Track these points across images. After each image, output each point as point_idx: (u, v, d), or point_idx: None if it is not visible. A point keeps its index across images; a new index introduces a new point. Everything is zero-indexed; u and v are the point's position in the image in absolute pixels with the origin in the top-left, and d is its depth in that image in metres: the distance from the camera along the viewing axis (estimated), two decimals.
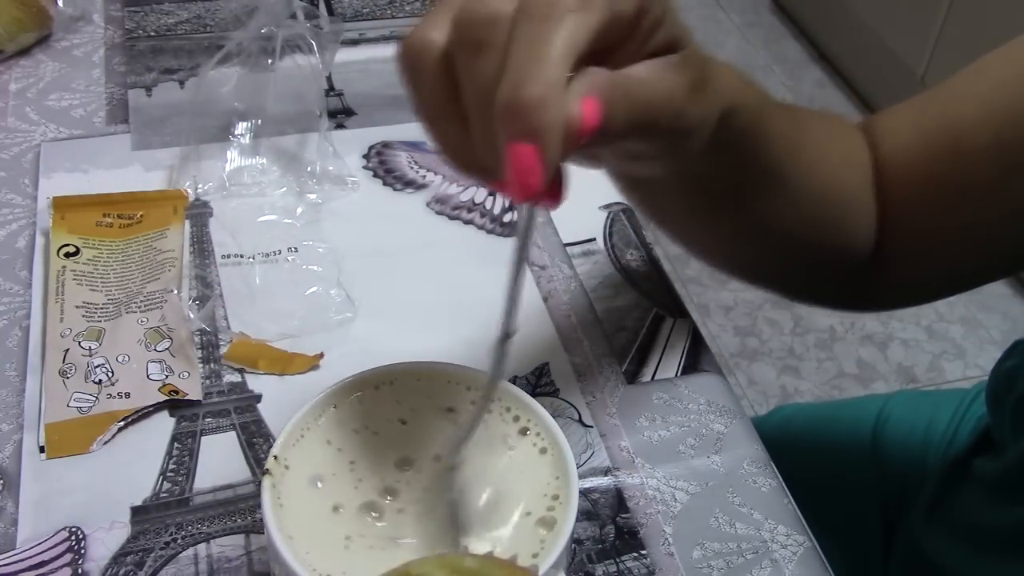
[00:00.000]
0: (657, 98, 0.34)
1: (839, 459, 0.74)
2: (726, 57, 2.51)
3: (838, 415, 0.79)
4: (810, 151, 0.49)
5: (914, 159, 0.51)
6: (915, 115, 0.53)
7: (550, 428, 0.42)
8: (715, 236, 0.53)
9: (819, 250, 0.53)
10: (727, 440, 0.53)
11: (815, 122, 0.52)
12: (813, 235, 0.51)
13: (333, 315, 0.58)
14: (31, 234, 0.61)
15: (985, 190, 0.49)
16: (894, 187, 0.52)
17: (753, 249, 0.53)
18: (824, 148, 0.51)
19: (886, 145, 0.53)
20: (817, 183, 0.50)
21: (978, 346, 1.71)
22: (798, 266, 0.54)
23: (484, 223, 0.65)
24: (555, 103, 0.30)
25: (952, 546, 0.61)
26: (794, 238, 0.51)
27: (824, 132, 0.52)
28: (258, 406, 0.53)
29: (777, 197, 0.48)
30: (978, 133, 0.48)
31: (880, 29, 2.10)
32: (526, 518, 0.39)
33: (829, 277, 0.56)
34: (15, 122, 0.70)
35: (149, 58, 0.76)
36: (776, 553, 0.49)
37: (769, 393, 1.62)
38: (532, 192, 0.31)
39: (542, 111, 0.30)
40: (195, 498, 0.49)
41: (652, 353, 0.58)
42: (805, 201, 0.49)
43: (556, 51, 0.30)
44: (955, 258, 0.53)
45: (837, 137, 0.53)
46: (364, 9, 0.84)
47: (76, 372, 0.53)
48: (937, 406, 0.73)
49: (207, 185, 0.65)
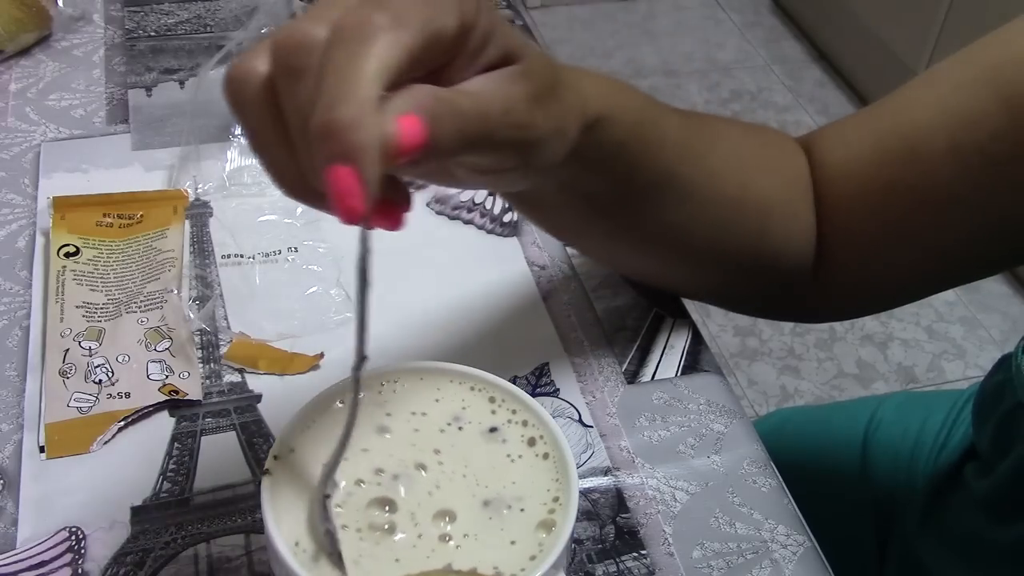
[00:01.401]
0: (491, 110, 0.34)
1: (831, 464, 0.74)
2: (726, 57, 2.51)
3: (830, 419, 0.78)
4: (716, 158, 0.49)
5: (867, 167, 0.51)
6: (868, 123, 0.52)
7: (552, 431, 0.42)
8: (619, 246, 0.52)
9: (746, 258, 0.52)
10: (727, 440, 0.53)
11: (731, 131, 0.51)
12: (734, 242, 0.51)
13: (333, 315, 0.58)
14: (31, 234, 0.61)
15: (942, 196, 0.48)
16: (845, 196, 0.52)
17: (667, 258, 0.53)
18: (738, 155, 0.50)
19: (835, 155, 0.52)
20: (729, 190, 0.49)
21: (978, 346, 1.71)
22: (728, 276, 0.54)
23: (484, 223, 0.65)
24: (367, 122, 0.29)
25: (947, 557, 0.61)
26: (711, 246, 0.51)
27: (740, 141, 0.52)
28: (258, 406, 0.53)
29: (678, 204, 0.48)
30: (933, 137, 0.48)
31: (880, 29, 2.10)
32: (526, 520, 0.39)
33: (767, 288, 0.55)
34: (15, 122, 0.70)
35: (149, 58, 0.76)
36: (776, 553, 0.49)
37: (769, 393, 1.62)
38: (356, 214, 0.31)
39: (354, 131, 0.29)
40: (195, 498, 0.49)
41: (652, 353, 0.58)
42: (714, 208, 0.49)
43: (366, 71, 0.30)
44: (909, 266, 0.52)
45: (759, 146, 0.53)
46: None
47: (76, 372, 0.53)
48: (930, 409, 0.73)
49: (207, 185, 0.65)
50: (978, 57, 0.49)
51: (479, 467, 0.40)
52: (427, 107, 0.32)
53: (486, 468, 0.41)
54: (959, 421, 0.70)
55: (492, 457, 0.41)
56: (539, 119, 0.36)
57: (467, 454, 0.41)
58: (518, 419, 0.42)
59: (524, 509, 0.39)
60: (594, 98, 0.41)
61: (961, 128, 0.47)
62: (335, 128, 0.29)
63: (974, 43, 0.49)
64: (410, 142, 0.31)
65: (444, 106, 0.32)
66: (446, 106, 0.32)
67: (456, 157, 0.37)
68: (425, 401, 0.43)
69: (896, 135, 0.50)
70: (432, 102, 0.32)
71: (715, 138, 0.50)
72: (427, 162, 0.33)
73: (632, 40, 2.42)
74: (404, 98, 0.31)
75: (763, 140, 0.53)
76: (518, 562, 0.37)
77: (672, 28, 2.47)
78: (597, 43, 2.40)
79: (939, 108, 0.48)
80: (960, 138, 0.47)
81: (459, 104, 0.33)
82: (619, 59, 2.35)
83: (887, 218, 0.50)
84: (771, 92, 2.27)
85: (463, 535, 0.38)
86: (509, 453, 0.41)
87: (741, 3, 2.55)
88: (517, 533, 0.38)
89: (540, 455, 0.41)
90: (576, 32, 2.43)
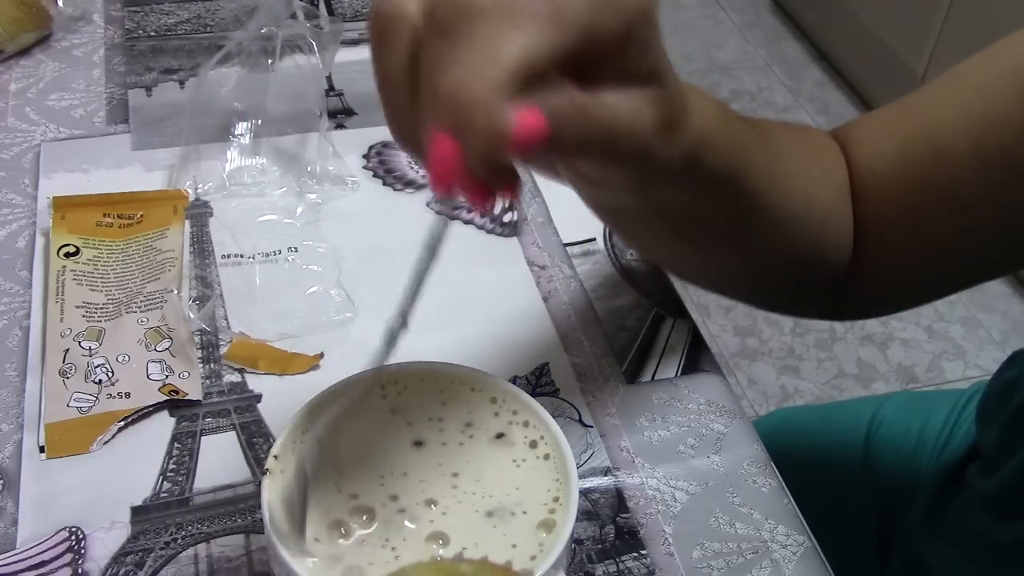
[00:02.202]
0: (619, 126, 0.34)
1: (832, 463, 0.74)
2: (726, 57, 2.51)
3: (832, 418, 0.78)
4: (788, 177, 0.49)
5: (893, 168, 0.51)
6: (892, 122, 0.52)
7: (553, 431, 0.42)
8: (688, 262, 0.52)
9: (798, 267, 0.52)
10: (727, 440, 0.53)
11: (791, 143, 0.51)
12: (791, 254, 0.51)
13: (333, 315, 0.58)
14: (31, 234, 0.61)
15: (966, 197, 0.48)
16: (872, 196, 0.52)
17: (728, 271, 0.53)
18: (801, 170, 0.50)
19: (863, 153, 0.52)
20: (796, 207, 0.49)
21: (978, 346, 1.71)
22: (776, 283, 0.54)
23: (484, 223, 0.65)
24: (491, 107, 0.29)
25: (951, 557, 0.61)
26: (772, 259, 0.51)
27: (799, 153, 0.51)
28: (258, 406, 0.53)
29: (756, 225, 0.48)
30: (957, 140, 0.48)
31: (880, 29, 2.10)
32: (526, 520, 0.39)
33: (807, 290, 0.55)
34: (15, 122, 0.70)
35: (149, 58, 0.76)
36: (776, 553, 0.49)
37: (769, 393, 1.62)
38: (444, 187, 0.31)
39: (474, 112, 0.29)
40: (195, 498, 0.49)
41: (652, 353, 0.58)
42: (783, 225, 0.49)
43: (509, 57, 0.30)
44: (936, 264, 0.52)
45: (812, 155, 0.52)
46: (364, 9, 0.84)
47: (76, 372, 0.53)
48: (932, 408, 0.73)
49: (207, 185, 0.65)
50: (1001, 59, 0.48)
51: (489, 480, 0.40)
52: (559, 109, 0.31)
53: (494, 478, 0.41)
54: (960, 421, 0.70)
55: (500, 466, 0.41)
56: (661, 147, 0.36)
57: (479, 470, 0.41)
58: (520, 420, 0.43)
59: (526, 512, 0.39)
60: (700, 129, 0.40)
61: (985, 130, 0.47)
62: (459, 101, 0.29)
63: (996, 44, 0.49)
64: (526, 139, 0.30)
65: (577, 113, 0.32)
66: (580, 113, 0.32)
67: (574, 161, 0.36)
68: (435, 404, 0.43)
69: (920, 135, 0.50)
70: (567, 105, 0.32)
71: (784, 151, 0.49)
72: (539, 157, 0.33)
73: None
74: (539, 94, 0.31)
75: (814, 147, 0.53)
76: (518, 562, 0.37)
77: (672, 28, 2.46)
78: None
79: (962, 110, 0.48)
80: (984, 140, 0.47)
81: (593, 114, 0.33)
82: None
83: (912, 217, 0.50)
84: (771, 92, 2.27)
85: (462, 548, 0.38)
86: (515, 458, 0.41)
87: (741, 3, 2.55)
88: (518, 536, 0.38)
89: (541, 456, 0.41)
90: None
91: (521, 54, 0.30)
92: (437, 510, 0.39)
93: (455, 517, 0.39)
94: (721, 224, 0.47)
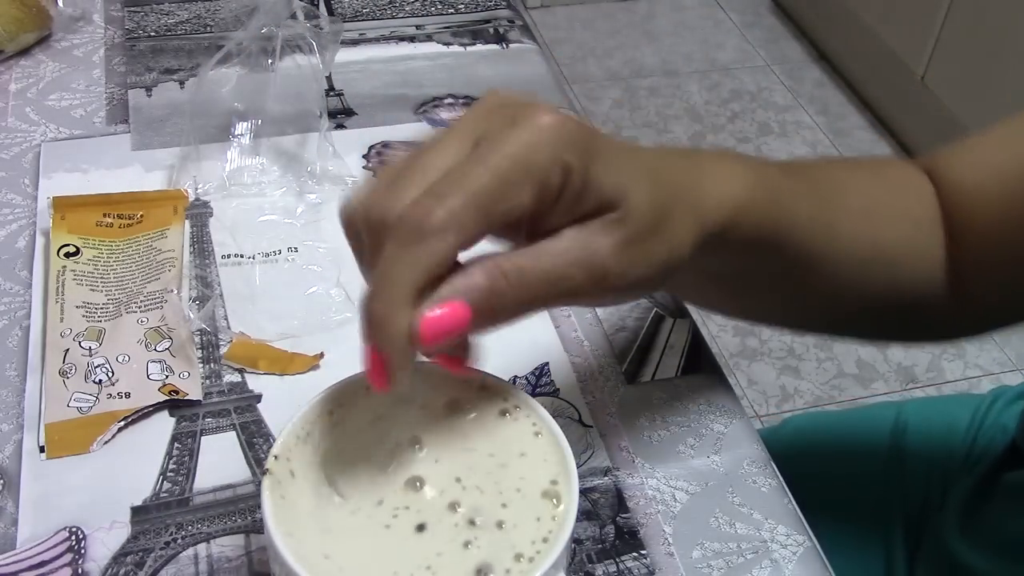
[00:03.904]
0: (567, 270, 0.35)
1: (857, 471, 0.73)
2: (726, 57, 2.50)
3: (851, 426, 0.78)
4: (846, 222, 0.48)
5: (992, 199, 0.50)
6: (989, 153, 0.51)
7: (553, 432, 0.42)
8: (751, 313, 0.53)
9: (875, 302, 0.51)
10: (727, 440, 0.53)
11: (856, 184, 0.50)
12: (864, 292, 0.50)
13: (333, 315, 0.58)
14: (31, 234, 0.61)
15: None
16: (974, 221, 0.51)
17: (798, 315, 0.53)
18: (866, 212, 0.50)
19: (964, 182, 0.51)
20: (860, 252, 0.49)
21: (978, 346, 1.71)
22: (853, 320, 0.54)
23: None
24: (394, 320, 0.33)
25: (991, 560, 0.60)
26: (843, 299, 0.50)
27: (867, 192, 0.51)
28: (258, 406, 0.53)
29: (813, 274, 0.47)
30: None
31: (880, 29, 2.10)
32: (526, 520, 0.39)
33: (899, 320, 0.55)
34: (15, 122, 0.70)
35: (149, 58, 0.76)
36: (776, 553, 0.49)
37: (769, 393, 1.62)
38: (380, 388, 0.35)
39: (382, 326, 0.34)
40: (195, 498, 0.49)
41: (652, 353, 0.58)
42: (845, 267, 0.48)
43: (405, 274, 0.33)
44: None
45: (884, 192, 0.52)
46: (364, 9, 0.84)
47: (76, 372, 0.53)
48: (950, 414, 0.72)
49: (207, 185, 0.65)
50: None
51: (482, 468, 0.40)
52: (488, 285, 0.34)
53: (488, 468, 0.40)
54: (986, 425, 0.70)
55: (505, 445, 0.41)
56: (624, 265, 0.37)
57: (487, 478, 0.41)
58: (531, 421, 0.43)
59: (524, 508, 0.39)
60: (716, 209, 0.40)
61: None
62: (369, 317, 0.34)
63: None
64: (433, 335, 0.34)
65: (514, 277, 0.35)
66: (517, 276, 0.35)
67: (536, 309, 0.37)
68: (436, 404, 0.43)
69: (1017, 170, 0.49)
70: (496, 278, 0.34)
71: (843, 197, 0.49)
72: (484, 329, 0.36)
73: (632, 40, 2.42)
74: (449, 287, 0.34)
75: (889, 183, 0.52)
76: (518, 562, 0.37)
77: (672, 28, 2.47)
78: (597, 43, 2.40)
79: None
80: None
81: (530, 272, 0.35)
82: (619, 59, 2.35)
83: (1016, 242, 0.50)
84: (771, 92, 2.27)
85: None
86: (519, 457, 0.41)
87: (741, 3, 2.56)
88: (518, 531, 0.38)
89: (543, 460, 0.41)
90: (576, 32, 2.43)
91: (416, 270, 0.33)
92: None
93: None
94: (773, 277, 0.47)
